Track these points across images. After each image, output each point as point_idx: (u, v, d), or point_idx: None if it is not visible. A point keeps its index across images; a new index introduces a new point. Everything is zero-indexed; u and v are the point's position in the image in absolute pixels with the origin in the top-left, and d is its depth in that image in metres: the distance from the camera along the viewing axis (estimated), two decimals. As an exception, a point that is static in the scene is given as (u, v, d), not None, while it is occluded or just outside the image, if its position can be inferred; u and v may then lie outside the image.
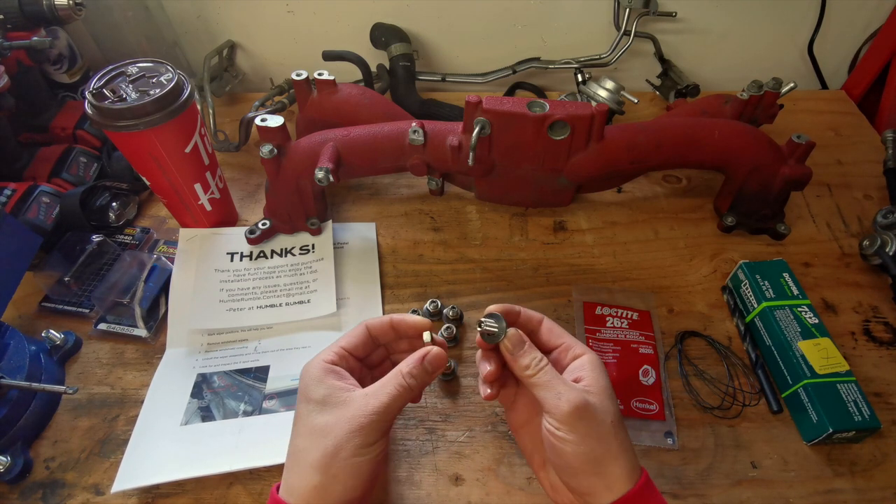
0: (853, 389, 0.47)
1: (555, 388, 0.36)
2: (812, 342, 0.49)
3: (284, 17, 0.80)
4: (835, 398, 0.46)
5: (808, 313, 0.52)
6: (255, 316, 0.56)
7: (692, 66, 0.82)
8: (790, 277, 0.54)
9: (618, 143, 0.56)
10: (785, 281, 0.54)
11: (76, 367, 0.54)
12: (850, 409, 0.46)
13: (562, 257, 0.62)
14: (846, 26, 0.79)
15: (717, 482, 0.46)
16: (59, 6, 0.61)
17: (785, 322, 0.51)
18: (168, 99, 0.50)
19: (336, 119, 0.62)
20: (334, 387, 0.36)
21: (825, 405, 0.46)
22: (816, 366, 0.48)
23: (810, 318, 0.51)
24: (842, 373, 0.48)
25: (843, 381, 0.47)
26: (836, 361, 0.48)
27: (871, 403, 0.46)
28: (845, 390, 0.47)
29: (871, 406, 0.46)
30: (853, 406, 0.46)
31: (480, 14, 0.79)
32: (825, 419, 0.45)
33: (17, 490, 0.46)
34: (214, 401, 0.50)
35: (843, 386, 0.47)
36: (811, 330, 0.50)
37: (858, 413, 0.46)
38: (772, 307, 0.52)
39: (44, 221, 0.59)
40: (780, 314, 0.51)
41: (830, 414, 0.45)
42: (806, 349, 0.49)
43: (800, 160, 0.57)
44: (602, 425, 0.35)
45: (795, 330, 0.50)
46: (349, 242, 0.63)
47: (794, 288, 0.53)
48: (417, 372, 0.37)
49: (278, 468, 0.46)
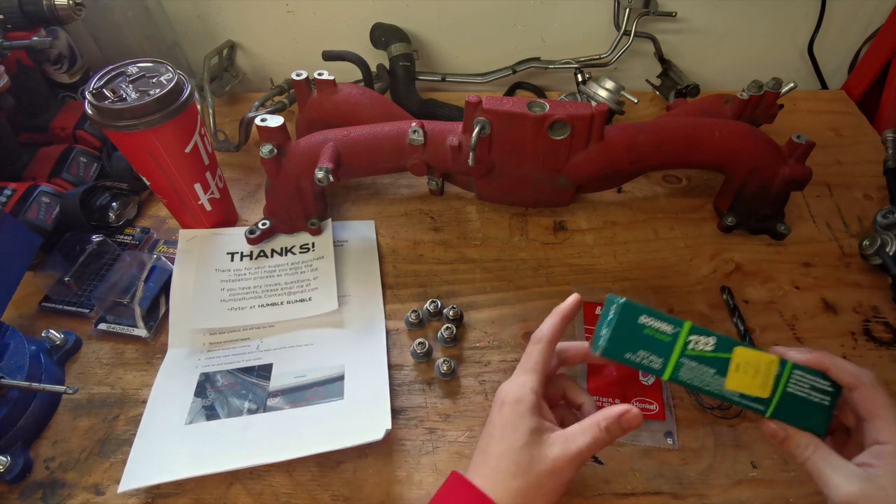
0: (800, 378, 0.38)
1: (827, 478, 0.34)
2: (733, 374, 0.38)
3: (284, 17, 0.80)
4: (801, 406, 0.38)
5: (699, 340, 0.38)
6: (256, 314, 0.56)
7: (692, 66, 0.82)
8: (648, 315, 0.38)
9: (618, 143, 0.56)
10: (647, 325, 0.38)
11: (76, 367, 0.54)
12: (815, 400, 0.38)
13: (562, 257, 0.62)
14: (846, 26, 0.79)
15: (717, 482, 0.46)
16: (59, 6, 0.61)
17: (693, 374, 0.38)
18: (168, 99, 0.50)
19: (336, 119, 0.62)
20: (543, 424, 0.38)
21: (799, 419, 0.38)
22: (759, 393, 0.38)
23: (705, 344, 0.38)
24: (779, 372, 0.38)
25: (790, 380, 0.38)
26: (766, 366, 0.38)
27: (816, 371, 0.38)
28: (797, 387, 0.38)
29: (821, 374, 0.38)
30: (816, 393, 0.38)
31: (480, 14, 0.79)
32: (813, 428, 0.38)
33: (17, 490, 0.46)
34: (218, 399, 0.50)
35: (794, 385, 0.38)
36: (718, 358, 0.38)
37: (822, 394, 0.38)
38: (672, 368, 0.38)
39: (44, 221, 0.59)
40: (683, 371, 0.38)
41: (808, 422, 0.38)
42: (735, 386, 0.38)
43: (800, 160, 0.57)
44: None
45: (709, 374, 0.38)
46: (349, 240, 0.63)
47: (662, 325, 0.38)
48: (613, 428, 0.37)
49: (280, 467, 0.46)
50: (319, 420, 0.48)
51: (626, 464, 0.47)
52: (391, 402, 0.49)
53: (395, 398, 0.51)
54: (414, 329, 0.56)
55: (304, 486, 0.46)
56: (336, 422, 0.48)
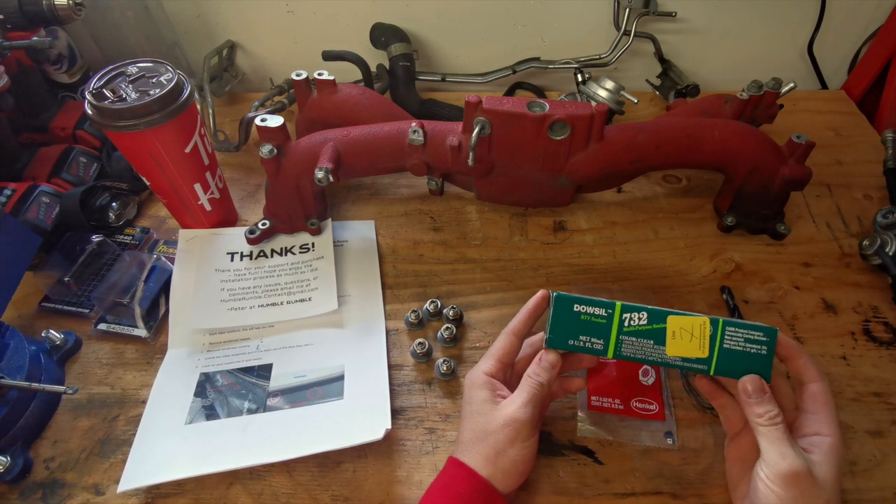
0: (734, 333, 0.40)
1: (781, 447, 0.37)
2: (671, 341, 0.40)
3: (284, 17, 0.80)
4: (742, 359, 0.40)
5: (632, 316, 0.41)
6: (256, 315, 0.56)
7: (692, 66, 0.82)
8: (581, 303, 0.41)
9: (618, 143, 0.56)
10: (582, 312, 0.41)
11: (76, 367, 0.54)
12: (752, 351, 0.40)
13: (562, 257, 0.62)
14: (846, 26, 0.79)
15: (717, 482, 0.46)
16: (59, 6, 0.61)
17: (634, 349, 0.41)
18: (168, 99, 0.50)
19: (336, 119, 0.62)
20: (494, 395, 0.43)
21: (743, 372, 0.39)
22: (698, 354, 0.40)
23: (639, 319, 0.41)
24: (713, 332, 0.40)
25: (724, 337, 0.40)
26: (699, 328, 0.40)
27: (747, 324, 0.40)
28: (733, 342, 0.39)
29: (752, 326, 0.40)
30: (752, 345, 0.40)
31: (480, 14, 0.79)
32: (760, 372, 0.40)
33: (17, 490, 0.46)
34: (218, 399, 0.50)
35: (729, 341, 0.40)
36: (654, 330, 0.40)
37: (758, 345, 0.39)
38: (613, 347, 0.41)
39: (44, 221, 0.59)
40: (625, 347, 0.41)
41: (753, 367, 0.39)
42: (676, 351, 0.40)
43: (800, 160, 0.57)
44: (815, 501, 0.36)
45: (649, 345, 0.41)
46: (349, 240, 0.63)
47: (596, 309, 0.41)
48: (538, 372, 0.42)
49: (280, 467, 0.46)
50: (319, 420, 0.48)
51: (626, 464, 0.47)
52: (391, 402, 0.49)
53: (395, 398, 0.51)
54: (414, 329, 0.56)
55: (303, 486, 0.46)
56: (336, 422, 0.48)
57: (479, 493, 0.39)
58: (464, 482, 0.40)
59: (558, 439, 0.48)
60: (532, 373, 0.42)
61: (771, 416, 0.38)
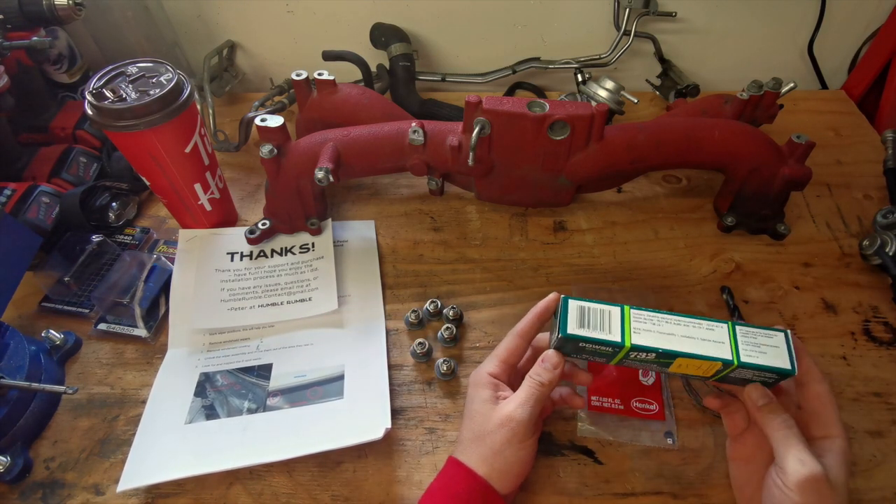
0: (746, 371, 0.39)
1: (800, 454, 0.36)
2: (677, 366, 0.40)
3: (284, 17, 0.80)
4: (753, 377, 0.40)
5: (641, 354, 0.40)
6: (256, 315, 0.56)
7: (692, 66, 0.82)
8: (587, 338, 0.40)
9: (618, 143, 0.56)
10: (587, 347, 0.41)
11: (76, 367, 0.54)
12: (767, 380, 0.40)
13: (562, 257, 0.62)
14: (846, 26, 0.79)
15: (717, 482, 0.46)
16: (59, 6, 0.61)
17: (640, 364, 0.41)
18: (168, 99, 0.50)
19: (336, 119, 0.62)
20: (495, 394, 0.43)
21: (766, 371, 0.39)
22: (705, 375, 0.40)
23: (646, 355, 0.40)
24: (722, 368, 0.39)
25: (736, 372, 0.39)
26: (708, 366, 0.40)
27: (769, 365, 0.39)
28: (745, 373, 0.39)
29: (772, 366, 0.38)
30: (767, 372, 0.39)
31: (480, 14, 0.79)
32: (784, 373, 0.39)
33: (17, 490, 0.46)
34: (218, 399, 0.50)
35: (741, 372, 0.39)
36: (661, 362, 0.40)
37: (771, 371, 0.39)
38: (617, 363, 0.42)
39: (44, 221, 0.59)
40: (630, 362, 0.41)
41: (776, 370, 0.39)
42: (681, 370, 0.41)
43: (800, 160, 0.57)
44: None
45: (653, 367, 0.42)
46: (349, 240, 0.63)
47: (601, 347, 0.40)
48: (541, 372, 0.42)
49: (280, 467, 0.46)
50: (319, 419, 0.48)
51: (626, 464, 0.47)
52: (391, 401, 0.49)
53: (395, 398, 0.51)
54: (414, 329, 0.56)
55: (303, 485, 0.46)
56: (336, 421, 0.48)
57: (477, 493, 0.39)
58: (462, 482, 0.40)
59: (558, 439, 0.48)
60: (534, 373, 0.42)
61: (786, 422, 0.38)
